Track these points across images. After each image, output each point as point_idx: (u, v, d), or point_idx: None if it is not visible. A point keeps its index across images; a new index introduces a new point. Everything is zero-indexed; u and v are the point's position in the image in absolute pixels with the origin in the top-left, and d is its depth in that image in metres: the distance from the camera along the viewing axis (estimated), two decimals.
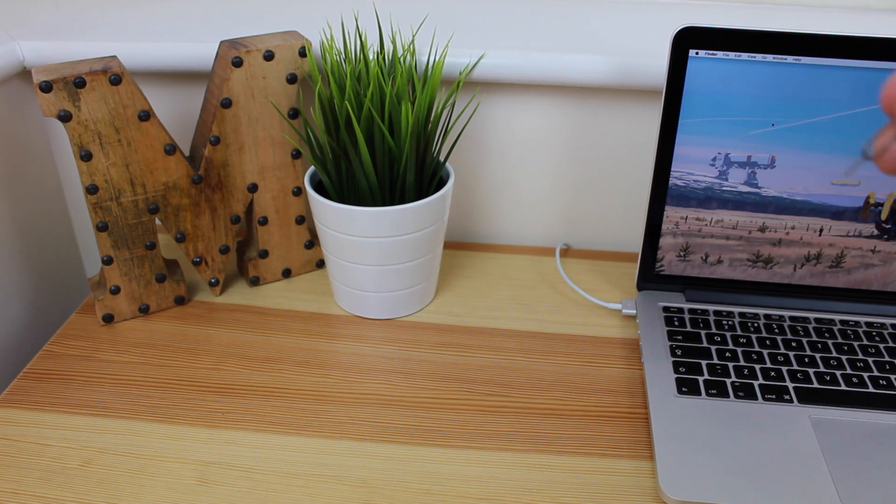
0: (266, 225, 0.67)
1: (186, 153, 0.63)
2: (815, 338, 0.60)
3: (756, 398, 0.55)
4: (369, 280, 0.63)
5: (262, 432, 0.54)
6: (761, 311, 0.64)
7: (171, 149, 0.60)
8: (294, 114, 0.64)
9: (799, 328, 0.62)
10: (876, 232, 0.61)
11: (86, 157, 0.57)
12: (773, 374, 0.57)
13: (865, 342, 0.60)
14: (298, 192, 0.67)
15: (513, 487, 0.50)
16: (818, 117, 0.57)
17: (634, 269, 0.73)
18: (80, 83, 0.55)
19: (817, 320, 0.63)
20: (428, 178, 0.63)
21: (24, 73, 0.71)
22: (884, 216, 0.61)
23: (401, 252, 0.61)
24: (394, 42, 0.62)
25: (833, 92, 0.56)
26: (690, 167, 0.60)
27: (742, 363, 0.58)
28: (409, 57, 0.61)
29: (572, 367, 0.61)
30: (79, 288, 0.83)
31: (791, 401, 0.54)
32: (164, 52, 0.68)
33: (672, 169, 0.61)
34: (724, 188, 0.61)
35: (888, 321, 0.62)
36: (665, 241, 0.64)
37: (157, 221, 0.63)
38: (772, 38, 0.55)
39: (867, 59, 0.55)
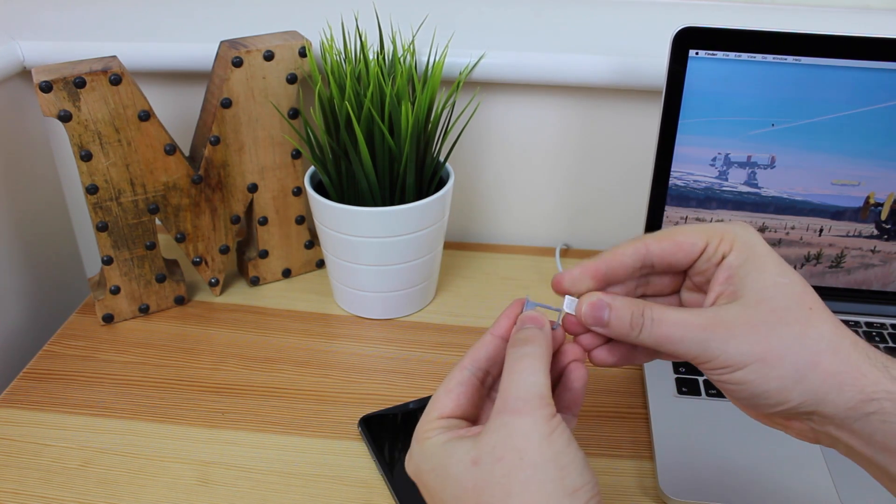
0: (266, 225, 0.67)
1: (186, 153, 0.63)
2: None
3: None
4: (369, 280, 0.63)
5: (262, 432, 0.54)
6: None
7: (171, 149, 0.60)
8: (294, 114, 0.64)
9: None
10: (876, 232, 0.61)
11: (86, 157, 0.57)
12: None
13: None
14: (298, 192, 0.67)
15: None
16: (818, 117, 0.57)
17: None
18: (80, 83, 0.55)
19: None
20: (428, 178, 0.63)
21: (24, 73, 0.71)
22: (884, 216, 0.60)
23: (401, 252, 0.61)
24: (394, 42, 0.62)
25: (833, 92, 0.56)
26: (690, 167, 0.60)
27: None
28: (409, 57, 0.61)
29: None
30: (79, 288, 0.83)
31: None
32: (164, 52, 0.68)
33: (672, 169, 0.61)
34: (724, 188, 0.61)
35: (888, 321, 0.62)
36: None
37: (157, 221, 0.63)
38: (772, 38, 0.55)
39: (867, 59, 0.55)
